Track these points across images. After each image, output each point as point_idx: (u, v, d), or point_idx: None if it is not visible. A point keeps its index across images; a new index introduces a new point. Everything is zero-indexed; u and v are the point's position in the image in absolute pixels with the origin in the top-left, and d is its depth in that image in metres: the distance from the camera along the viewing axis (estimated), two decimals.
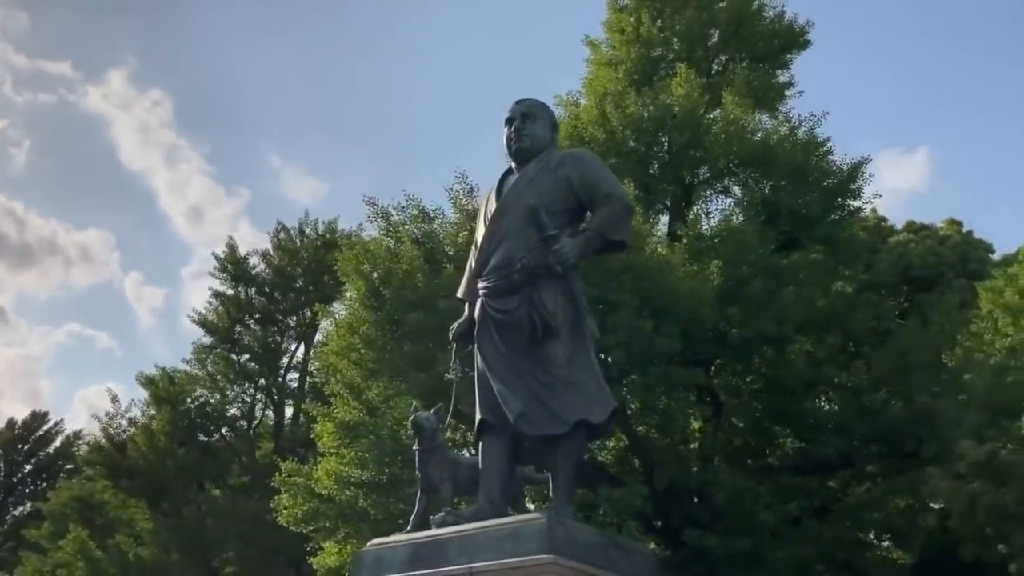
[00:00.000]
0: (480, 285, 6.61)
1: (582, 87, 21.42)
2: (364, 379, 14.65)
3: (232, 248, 31.53)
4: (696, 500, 14.62)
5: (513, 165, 6.91)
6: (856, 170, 18.46)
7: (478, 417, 6.55)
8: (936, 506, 14.40)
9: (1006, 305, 21.43)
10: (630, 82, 18.61)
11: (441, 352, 14.34)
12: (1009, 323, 21.08)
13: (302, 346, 31.10)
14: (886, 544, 17.49)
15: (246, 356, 30.37)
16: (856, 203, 18.57)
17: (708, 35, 20.67)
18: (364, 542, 14.10)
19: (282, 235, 31.94)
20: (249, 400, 30.23)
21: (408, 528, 6.82)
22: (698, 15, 20.31)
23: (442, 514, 6.45)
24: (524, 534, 5.81)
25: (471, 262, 6.96)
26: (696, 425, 15.09)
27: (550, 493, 6.55)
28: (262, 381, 30.10)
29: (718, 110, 18.08)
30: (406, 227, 16.06)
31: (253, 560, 24.52)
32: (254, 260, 31.52)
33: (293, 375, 30.95)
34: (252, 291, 31.02)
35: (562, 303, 6.39)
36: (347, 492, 14.20)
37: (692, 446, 15.19)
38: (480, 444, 6.65)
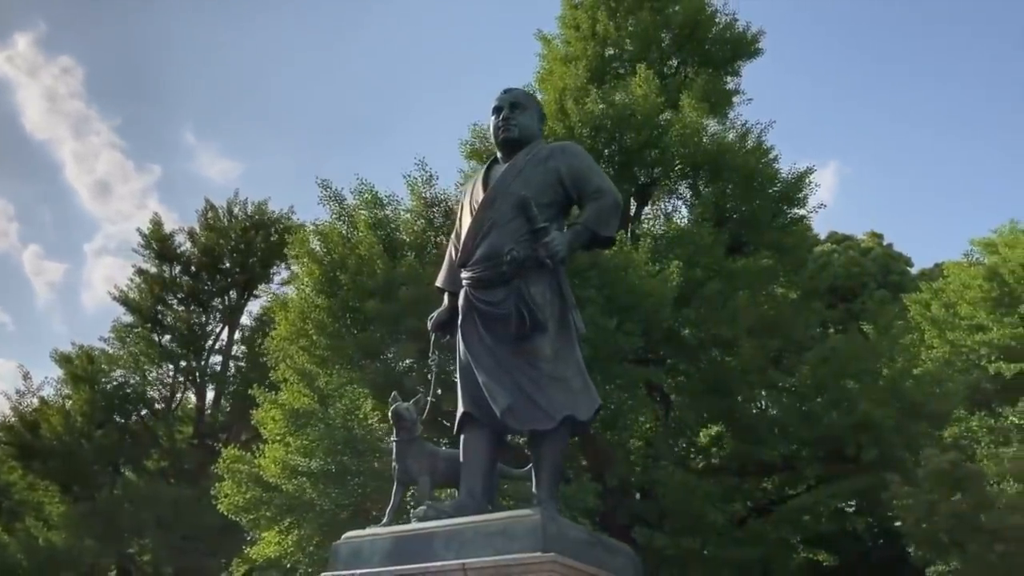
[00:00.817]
0: (464, 275, 6.49)
1: (535, 81, 21.45)
2: (317, 366, 14.30)
3: (157, 225, 30.56)
4: (645, 498, 14.74)
5: (499, 155, 6.81)
6: (801, 179, 18.94)
7: (461, 409, 6.40)
8: (890, 513, 14.73)
9: (933, 319, 22.35)
10: (588, 79, 18.59)
11: (398, 342, 14.16)
12: (936, 335, 21.97)
13: (227, 329, 30.37)
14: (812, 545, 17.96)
15: (168, 337, 29.47)
16: (801, 211, 19.03)
17: (661, 37, 20.82)
18: (310, 532, 13.93)
19: (210, 214, 31.06)
20: (170, 382, 29.32)
21: (384, 521, 6.63)
22: (652, 17, 20.45)
23: (423, 508, 6.27)
24: (516, 531, 5.70)
25: (451, 251, 6.85)
26: (647, 424, 15.18)
27: (533, 488, 6.43)
28: (184, 363, 29.20)
29: (667, 112, 18.20)
30: (362, 212, 15.74)
31: (172, 547, 23.76)
32: (180, 238, 30.63)
33: (216, 358, 30.14)
34: (177, 270, 30.11)
35: (550, 297, 6.33)
36: (294, 481, 13.84)
37: (640, 444, 15.28)
38: (462, 437, 6.50)
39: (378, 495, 14.60)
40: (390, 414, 6.58)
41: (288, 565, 14.55)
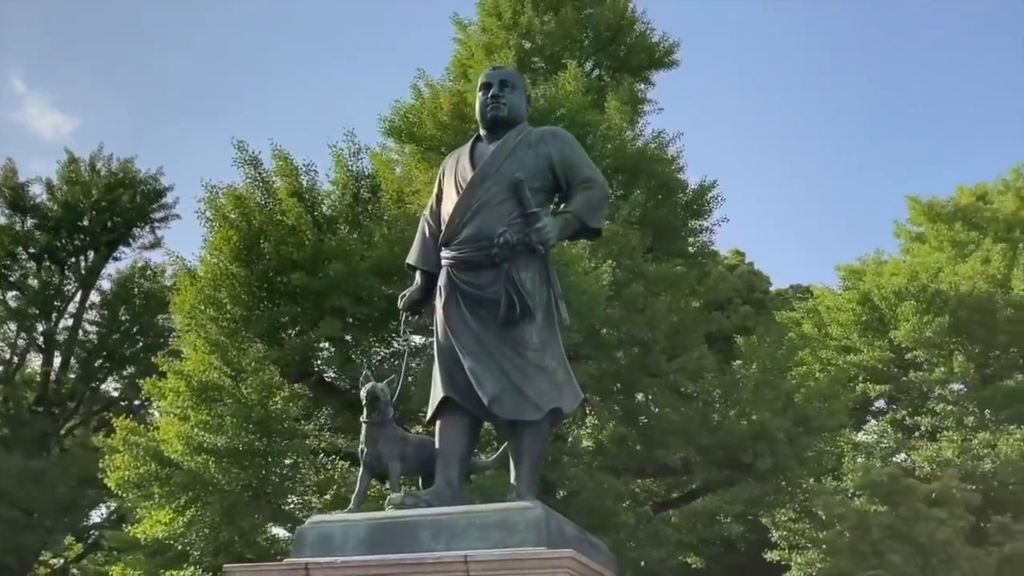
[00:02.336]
0: (447, 255, 6.31)
1: (451, 65, 21.14)
2: (228, 337, 13.49)
3: (11, 172, 28.16)
4: (549, 494, 14.70)
5: (483, 132, 6.64)
6: (705, 191, 19.51)
7: (440, 394, 6.17)
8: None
9: (805, 337, 23.48)
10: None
11: (322, 316, 13.59)
12: (807, 353, 23.11)
13: (81, 292, 28.33)
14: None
15: (14, 294, 27.26)
16: (705, 222, 19.60)
17: (582, 37, 20.92)
18: (210, 514, 13.10)
19: (71, 167, 28.90)
20: (13, 343, 27.10)
21: (351, 507, 6.30)
22: (575, 16, 20.51)
23: (400, 495, 5.99)
24: (516, 524, 5.51)
25: (425, 228, 6.64)
26: (565, 421, 15.19)
27: (512, 480, 6.29)
28: (31, 325, 27.07)
29: (591, 112, 18.29)
30: (274, 179, 14.98)
31: (13, 521, 21.92)
32: (36, 189, 28.34)
33: (68, 322, 28.05)
34: (31, 223, 27.85)
35: (539, 284, 6.24)
36: (198, 458, 13.00)
37: (554, 440, 15.27)
38: (438, 423, 6.27)
39: (279, 479, 13.99)
40: (365, 394, 6.23)
41: (179, 547, 13.64)
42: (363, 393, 6.18)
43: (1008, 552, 12.60)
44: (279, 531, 15.03)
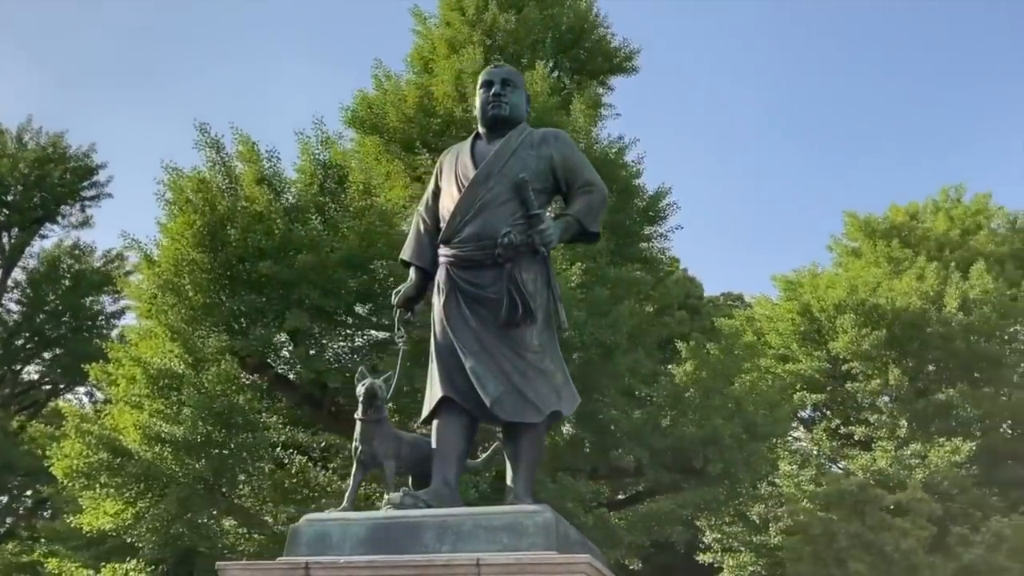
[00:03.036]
0: (447, 252, 6.26)
1: (409, 58, 20.91)
2: (189, 325, 13.07)
3: None
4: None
5: (481, 130, 6.56)
6: (659, 197, 19.72)
7: (439, 393, 6.10)
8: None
9: (745, 344, 23.98)
10: (484, 66, 18.28)
11: (288, 308, 13.30)
12: (746, 360, 23.61)
13: (2, 270, 27.15)
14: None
15: None
16: (660, 228, 19.80)
17: (544, 38, 20.88)
18: (166, 506, 12.70)
19: None
20: None
21: (344, 505, 6.17)
22: (538, 15, 20.47)
23: (399, 494, 5.90)
24: (525, 527, 5.42)
25: (420, 224, 6.59)
26: None
27: (508, 481, 6.28)
28: None
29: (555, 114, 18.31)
30: (251, 166, 14.59)
31: None
32: None
33: None
34: None
35: (540, 286, 6.24)
36: (155, 449, 12.58)
37: None
38: (435, 422, 6.22)
39: (236, 472, 13.65)
40: (363, 390, 6.10)
41: (127, 539, 13.18)
42: (361, 390, 6.03)
43: (966, 562, 13.10)
44: (227, 523, 14.65)
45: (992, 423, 21.72)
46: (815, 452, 21.60)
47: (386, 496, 5.91)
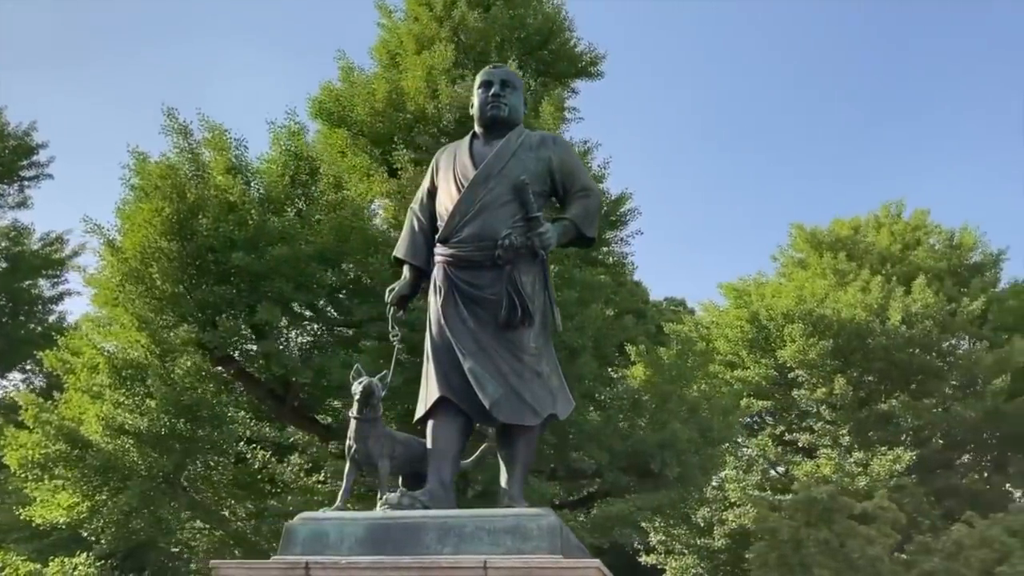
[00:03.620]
0: (444, 251, 6.29)
1: (373, 50, 20.71)
2: (156, 313, 12.74)
3: None
4: (483, 497, 14.65)
5: (478, 130, 6.59)
6: (621, 202, 19.88)
7: (437, 394, 6.10)
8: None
9: (700, 351, 24.34)
10: (455, 63, 18.20)
11: (259, 300, 13.07)
12: (698, 365, 23.96)
13: None
14: None
15: None
16: (621, 233, 19.94)
17: (512, 38, 20.85)
18: (126, 499, 12.35)
19: None
20: None
21: (338, 504, 6.17)
22: (507, 14, 20.43)
23: (396, 495, 5.93)
24: (530, 530, 5.43)
25: (414, 222, 6.60)
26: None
27: (503, 483, 6.34)
28: None
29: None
30: (222, 154, 14.26)
31: None
32: None
33: None
34: None
35: (538, 289, 6.31)
36: (117, 441, 12.23)
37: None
38: (431, 423, 6.23)
39: (194, 466, 13.38)
40: (360, 389, 6.08)
41: (86, 534, 12.81)
42: (357, 388, 5.98)
43: (928, 568, 13.51)
44: (186, 518, 14.34)
45: (929, 433, 22.45)
46: (760, 458, 22.03)
47: (380, 496, 5.88)
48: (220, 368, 13.52)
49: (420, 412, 6.15)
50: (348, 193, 14.86)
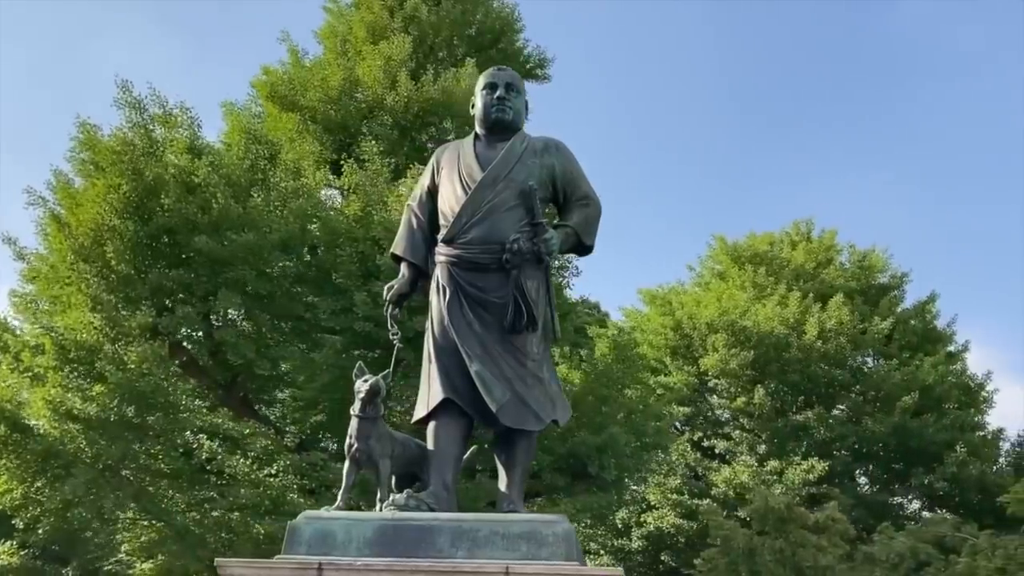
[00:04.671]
0: (449, 251, 6.30)
1: (319, 33, 20.31)
2: (111, 294, 12.17)
3: None
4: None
5: (480, 131, 6.59)
6: None
7: (440, 395, 6.11)
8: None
9: (631, 357, 24.74)
10: (411, 56, 18.00)
11: (219, 287, 12.67)
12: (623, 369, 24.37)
13: None
14: None
15: None
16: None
17: (464, 34, 20.73)
18: (72, 487, 11.78)
19: None
20: None
21: (339, 503, 6.12)
22: (459, 11, 20.31)
23: (403, 496, 5.95)
24: (545, 537, 5.47)
25: (412, 219, 6.62)
26: None
27: (503, 488, 6.43)
28: None
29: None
30: (152, 130, 13.71)
31: None
32: None
33: None
34: None
35: (541, 295, 6.42)
36: (65, 426, 11.64)
37: None
38: (433, 424, 6.25)
39: (140, 456, 12.88)
40: (366, 387, 6.03)
41: (19, 524, 12.15)
42: (362, 386, 5.89)
43: None
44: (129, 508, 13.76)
45: (841, 445, 23.41)
46: (679, 463, 22.54)
47: (381, 496, 5.83)
48: (170, 355, 13.02)
49: (421, 413, 6.07)
50: (306, 181, 14.53)
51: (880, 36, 60.06)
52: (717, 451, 23.43)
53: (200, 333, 13.41)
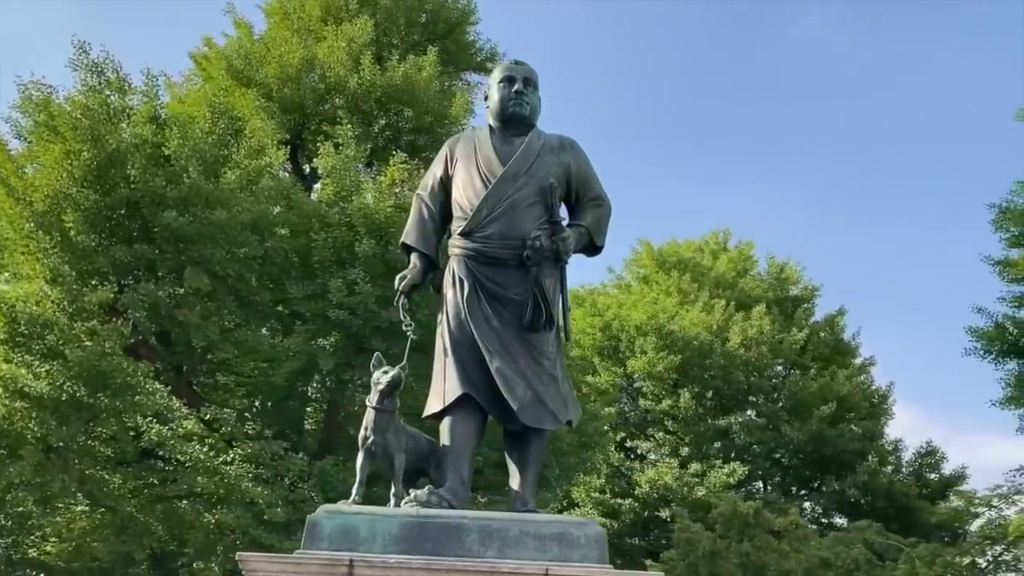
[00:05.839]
0: (467, 244, 6.25)
1: (269, 9, 19.67)
2: (71, 267, 11.46)
3: None
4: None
5: (494, 124, 6.53)
6: None
7: (459, 390, 6.07)
8: None
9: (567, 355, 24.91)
10: (372, 40, 17.60)
11: (186, 268, 12.10)
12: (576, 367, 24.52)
13: None
14: None
15: None
16: None
17: (420, 22, 20.39)
18: (18, 470, 11.05)
19: None
20: None
21: (354, 497, 6.02)
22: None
23: (425, 492, 5.90)
24: (576, 539, 5.47)
25: (423, 209, 6.59)
26: None
27: (516, 486, 6.47)
28: None
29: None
30: (108, 96, 13.01)
31: None
32: None
33: None
34: None
35: (557, 294, 6.47)
36: (12, 404, 10.88)
37: None
38: (449, 419, 6.21)
39: (88, 439, 12.22)
40: (387, 379, 5.94)
41: None
42: (385, 378, 5.77)
43: None
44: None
45: (760, 450, 24.15)
46: (603, 462, 22.80)
47: (396, 491, 5.73)
48: (126, 334, 12.36)
49: (436, 407, 5.93)
50: (268, 160, 14.03)
51: (786, 56, 62.02)
52: (640, 452, 23.80)
53: (162, 312, 12.77)
